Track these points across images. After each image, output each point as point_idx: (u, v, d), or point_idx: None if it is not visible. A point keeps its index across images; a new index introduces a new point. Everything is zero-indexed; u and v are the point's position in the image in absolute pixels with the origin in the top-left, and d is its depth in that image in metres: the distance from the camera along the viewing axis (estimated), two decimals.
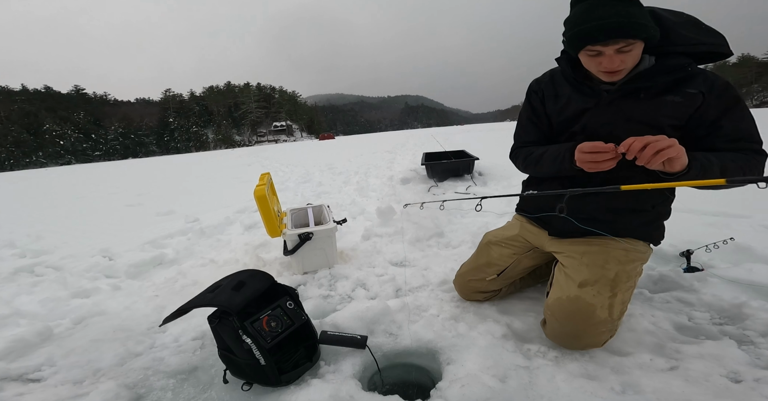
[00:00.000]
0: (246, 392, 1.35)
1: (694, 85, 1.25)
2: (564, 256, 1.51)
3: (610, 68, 1.23)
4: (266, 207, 2.17)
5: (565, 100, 1.46)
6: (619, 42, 1.17)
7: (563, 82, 1.48)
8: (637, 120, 1.31)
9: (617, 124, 1.34)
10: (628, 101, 1.32)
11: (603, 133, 1.36)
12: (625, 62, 1.21)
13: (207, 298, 1.37)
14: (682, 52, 1.25)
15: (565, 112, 1.47)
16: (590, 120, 1.39)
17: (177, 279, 2.46)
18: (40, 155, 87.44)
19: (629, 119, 1.32)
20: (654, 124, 1.29)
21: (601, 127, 1.37)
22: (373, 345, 1.53)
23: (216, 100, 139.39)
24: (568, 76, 1.43)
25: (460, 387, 1.23)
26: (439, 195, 4.61)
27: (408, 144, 15.78)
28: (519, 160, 1.64)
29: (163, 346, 1.67)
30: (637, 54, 1.22)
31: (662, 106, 1.28)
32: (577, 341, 1.38)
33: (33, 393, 1.41)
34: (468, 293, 1.81)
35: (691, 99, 1.25)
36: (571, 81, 1.43)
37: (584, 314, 1.33)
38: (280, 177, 8.18)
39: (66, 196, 8.61)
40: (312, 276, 2.32)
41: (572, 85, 1.44)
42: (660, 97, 1.28)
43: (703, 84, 1.25)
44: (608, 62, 1.22)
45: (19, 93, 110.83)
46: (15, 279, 2.78)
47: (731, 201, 3.28)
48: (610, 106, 1.35)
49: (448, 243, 2.75)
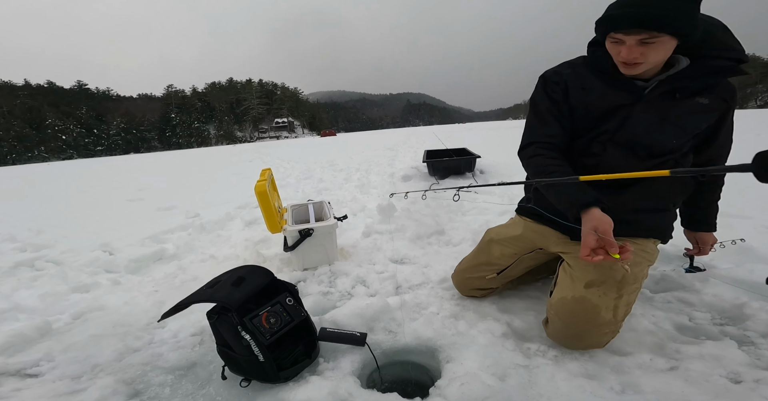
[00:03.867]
0: (244, 388, 1.35)
1: (721, 91, 1.26)
2: (570, 257, 1.46)
3: (628, 59, 1.19)
4: (267, 203, 2.16)
5: (597, 93, 1.36)
6: (641, 33, 1.12)
7: (589, 75, 1.39)
8: (671, 122, 1.28)
9: (653, 125, 1.30)
10: (665, 101, 1.28)
11: (640, 131, 1.31)
12: (646, 55, 1.16)
13: (206, 294, 1.36)
14: (718, 57, 1.20)
15: (596, 107, 1.37)
16: (629, 118, 1.32)
17: (177, 275, 2.46)
18: (43, 150, 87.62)
19: (664, 120, 1.28)
20: (685, 126, 1.29)
21: (641, 126, 1.31)
22: (373, 342, 1.53)
23: (218, 95, 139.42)
24: (602, 67, 1.34)
25: (459, 386, 1.23)
26: (440, 192, 4.60)
27: (410, 141, 15.74)
28: (530, 166, 1.47)
29: (161, 342, 1.66)
30: (663, 50, 1.15)
31: (693, 109, 1.27)
32: (579, 341, 1.37)
33: (30, 389, 1.41)
34: (466, 289, 1.81)
35: (718, 104, 1.27)
36: (604, 74, 1.35)
37: (589, 315, 1.31)
38: (281, 173, 8.18)
39: (67, 190, 8.62)
40: (312, 272, 2.32)
41: (602, 80, 1.36)
42: (692, 99, 1.26)
43: (727, 91, 1.27)
44: (627, 52, 1.17)
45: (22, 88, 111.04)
46: (15, 273, 2.77)
47: (734, 201, 3.26)
48: (650, 104, 1.29)
49: (449, 240, 2.74)
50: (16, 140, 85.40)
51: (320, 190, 5.54)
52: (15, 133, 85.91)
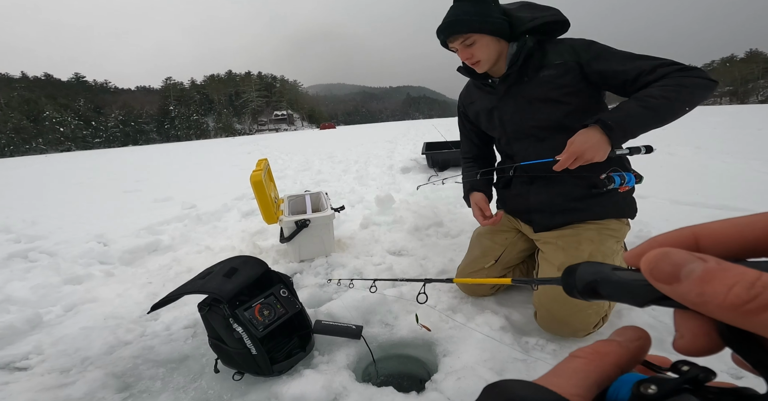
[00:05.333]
0: (237, 382, 1.32)
1: (559, 56, 1.35)
2: (542, 243, 1.56)
3: (465, 60, 1.43)
4: (262, 193, 2.12)
5: (477, 104, 1.62)
6: (457, 37, 1.37)
7: (473, 89, 1.65)
8: (536, 99, 1.41)
9: (523, 108, 1.45)
10: (520, 86, 1.43)
11: (516, 120, 1.48)
12: (475, 55, 1.39)
13: (197, 285, 1.33)
14: (525, 31, 1.36)
15: (479, 115, 1.63)
16: (500, 115, 1.52)
17: (171, 266, 2.43)
18: (40, 142, 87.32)
19: (531, 101, 1.42)
20: (550, 99, 1.38)
21: (511, 116, 1.49)
22: (369, 335, 1.50)
23: (217, 88, 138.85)
24: (473, 74, 1.53)
25: (456, 380, 1.20)
26: (439, 184, 4.56)
27: (409, 134, 15.66)
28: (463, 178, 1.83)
29: (153, 334, 1.63)
30: (486, 46, 1.37)
31: (543, 83, 1.37)
32: (566, 326, 1.38)
33: (19, 382, 1.38)
34: (473, 287, 1.77)
35: (563, 68, 1.34)
36: (474, 84, 1.61)
37: (565, 296, 1.28)
38: (279, 164, 8.12)
39: (64, 181, 8.56)
40: (308, 264, 2.28)
41: (478, 88, 1.60)
42: (537, 75, 1.38)
43: (567, 52, 1.35)
44: (461, 55, 1.42)
45: (19, 80, 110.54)
46: (8, 264, 2.74)
47: (735, 194, 3.23)
48: (508, 94, 1.47)
49: (447, 232, 2.71)
50: (14, 132, 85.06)
51: (318, 181, 5.50)
52: (12, 125, 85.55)
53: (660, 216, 2.74)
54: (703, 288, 0.16)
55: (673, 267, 0.18)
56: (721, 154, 5.32)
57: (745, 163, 4.67)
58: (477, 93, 1.62)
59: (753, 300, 0.15)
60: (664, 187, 3.49)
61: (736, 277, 0.16)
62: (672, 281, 0.18)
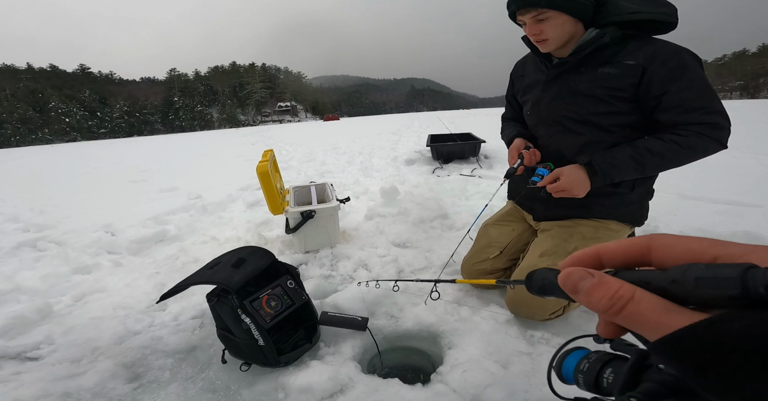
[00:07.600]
0: (244, 372, 1.33)
1: (632, 57, 1.24)
2: (540, 231, 1.63)
3: (531, 36, 1.32)
4: (268, 184, 2.13)
5: (527, 80, 1.57)
6: (530, 11, 1.25)
7: (530, 63, 1.57)
8: (581, 93, 1.34)
9: (564, 98, 1.39)
10: (572, 75, 1.36)
11: (552, 107, 1.44)
12: (545, 32, 1.28)
13: (205, 275, 1.34)
14: (612, 22, 1.23)
15: (524, 92, 1.59)
16: (540, 97, 1.48)
17: (178, 256, 2.45)
18: (46, 132, 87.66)
19: (575, 92, 1.36)
20: (597, 96, 1.32)
21: (549, 102, 1.44)
22: (374, 327, 1.51)
23: (221, 79, 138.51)
24: (534, 50, 1.45)
25: (461, 372, 1.21)
26: (443, 177, 4.54)
27: (413, 126, 15.57)
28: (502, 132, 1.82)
29: (162, 325, 1.65)
30: (559, 25, 1.26)
31: (598, 79, 1.30)
32: (522, 308, 1.46)
33: (30, 372, 1.40)
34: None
35: (629, 70, 1.24)
36: (533, 58, 1.51)
37: None
38: (283, 156, 8.11)
39: (71, 171, 8.60)
40: (314, 255, 2.29)
41: (534, 62, 1.53)
42: (596, 70, 1.30)
43: (643, 55, 1.22)
44: (528, 30, 1.32)
45: (25, 71, 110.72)
46: (17, 253, 2.77)
47: (744, 189, 3.20)
48: (556, 80, 1.41)
49: (452, 225, 2.70)
50: (20, 122, 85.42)
51: (323, 172, 5.50)
52: (19, 115, 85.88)
53: (668, 210, 2.72)
54: (589, 299, 0.24)
55: (572, 283, 0.25)
56: (730, 149, 5.23)
57: (755, 157, 4.62)
58: (532, 67, 1.55)
59: (612, 306, 0.22)
60: (673, 182, 3.46)
61: (605, 290, 0.23)
62: (573, 292, 0.25)
